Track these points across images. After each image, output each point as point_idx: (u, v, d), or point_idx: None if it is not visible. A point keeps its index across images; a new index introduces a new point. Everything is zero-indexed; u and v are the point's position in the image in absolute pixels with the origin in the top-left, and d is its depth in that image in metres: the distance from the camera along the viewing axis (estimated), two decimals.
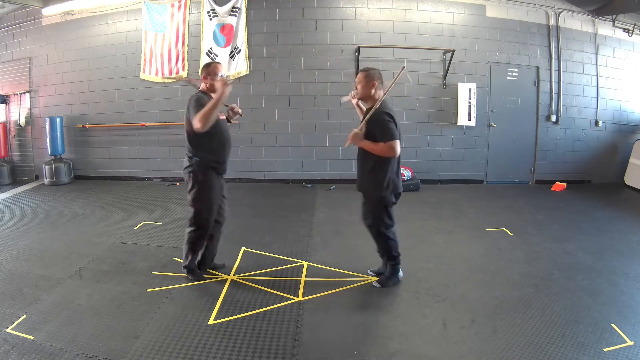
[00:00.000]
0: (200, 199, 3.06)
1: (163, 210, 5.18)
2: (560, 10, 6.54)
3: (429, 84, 6.51)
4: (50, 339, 2.45)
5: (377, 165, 2.97)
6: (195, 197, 3.07)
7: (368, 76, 2.99)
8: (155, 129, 6.70)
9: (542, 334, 2.55)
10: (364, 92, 3.02)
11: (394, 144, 2.86)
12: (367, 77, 2.98)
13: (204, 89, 3.07)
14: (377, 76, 3.01)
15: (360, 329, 2.64)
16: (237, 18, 6.38)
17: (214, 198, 3.10)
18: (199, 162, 3.01)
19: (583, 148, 6.84)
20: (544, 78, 6.60)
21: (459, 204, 5.57)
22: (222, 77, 2.98)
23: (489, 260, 3.74)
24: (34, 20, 6.74)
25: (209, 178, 3.05)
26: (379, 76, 3.02)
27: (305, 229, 4.50)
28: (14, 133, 7.06)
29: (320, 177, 6.59)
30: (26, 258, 3.66)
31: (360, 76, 3.04)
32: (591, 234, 4.40)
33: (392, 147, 2.86)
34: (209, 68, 3.07)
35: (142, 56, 6.56)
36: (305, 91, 6.50)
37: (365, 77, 2.99)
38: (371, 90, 2.99)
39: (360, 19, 6.43)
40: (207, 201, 3.08)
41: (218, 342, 2.46)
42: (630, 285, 3.23)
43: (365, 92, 3.01)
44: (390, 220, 3.11)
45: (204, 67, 3.11)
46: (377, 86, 2.99)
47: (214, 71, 3.04)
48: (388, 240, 3.13)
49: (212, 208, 3.11)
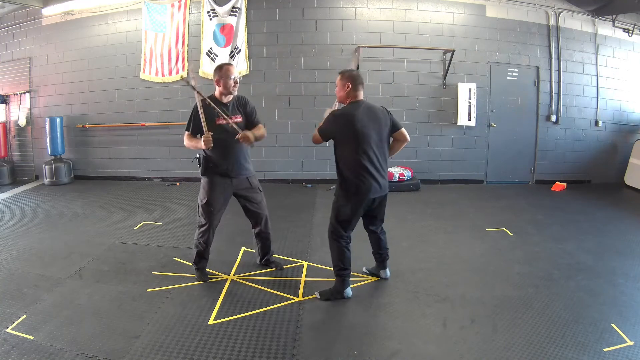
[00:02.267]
0: (202, 193, 3.16)
1: (163, 210, 5.18)
2: (560, 10, 6.54)
3: (429, 84, 6.51)
4: (50, 339, 2.45)
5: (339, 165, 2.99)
6: (200, 191, 3.18)
7: (341, 79, 2.95)
8: (155, 129, 6.70)
9: (542, 334, 2.55)
10: (340, 96, 3.00)
11: (317, 134, 2.99)
12: (341, 80, 2.95)
13: (217, 94, 3.11)
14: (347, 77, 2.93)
15: (360, 329, 2.64)
16: (237, 18, 6.37)
17: (212, 195, 3.11)
18: (198, 159, 3.17)
19: (583, 148, 6.84)
20: (544, 78, 6.60)
21: (459, 204, 5.57)
22: (206, 135, 2.98)
23: (489, 260, 3.74)
24: (34, 20, 6.74)
25: (214, 180, 3.11)
26: (349, 76, 2.94)
27: (305, 229, 4.50)
28: (14, 133, 7.06)
29: (320, 177, 6.58)
30: (26, 258, 3.67)
31: (337, 81, 2.99)
32: (591, 234, 4.40)
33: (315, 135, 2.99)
34: (221, 71, 3.06)
35: (142, 56, 6.56)
36: (305, 91, 6.50)
37: (340, 80, 2.96)
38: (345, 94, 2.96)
39: (360, 19, 6.43)
40: (208, 196, 3.11)
41: (218, 342, 2.46)
42: (630, 285, 3.23)
43: (340, 95, 2.99)
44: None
45: (217, 70, 3.09)
46: (350, 88, 2.92)
47: (226, 74, 3.04)
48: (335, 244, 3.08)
49: (213, 204, 3.12)
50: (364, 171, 2.84)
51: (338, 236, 2.97)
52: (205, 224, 3.15)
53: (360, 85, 2.95)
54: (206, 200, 3.11)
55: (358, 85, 2.94)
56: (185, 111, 3.20)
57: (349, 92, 2.93)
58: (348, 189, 2.91)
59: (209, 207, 3.12)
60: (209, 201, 3.11)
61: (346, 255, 2.97)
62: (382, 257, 3.27)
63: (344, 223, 2.95)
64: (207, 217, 3.14)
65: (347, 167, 2.90)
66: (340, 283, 2.98)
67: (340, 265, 2.97)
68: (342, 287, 2.98)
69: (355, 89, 2.93)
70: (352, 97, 2.95)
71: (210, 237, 3.20)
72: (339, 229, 2.97)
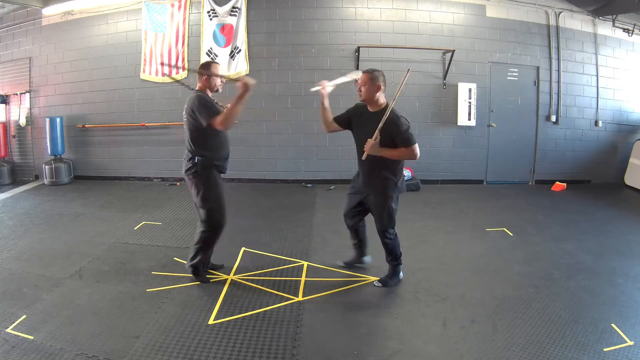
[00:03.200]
0: (210, 198, 3.07)
1: (163, 210, 5.18)
2: (560, 10, 6.54)
3: (429, 84, 6.51)
4: (50, 339, 2.45)
5: (391, 166, 2.98)
6: (204, 197, 3.06)
7: (374, 78, 2.89)
8: (155, 129, 6.70)
9: (542, 334, 2.55)
10: (369, 95, 2.92)
11: (416, 147, 2.85)
12: (373, 80, 2.89)
13: (201, 87, 3.06)
14: (382, 79, 2.92)
15: (360, 329, 2.64)
16: (237, 18, 6.37)
17: (221, 195, 3.13)
18: (202, 162, 3.00)
19: (583, 148, 6.84)
20: (544, 78, 6.60)
21: (459, 204, 5.57)
22: (243, 77, 2.96)
23: (489, 260, 3.74)
24: (34, 20, 6.74)
25: (214, 176, 3.07)
26: (384, 80, 2.94)
27: (305, 229, 4.50)
28: (14, 133, 7.05)
29: (320, 177, 6.59)
30: (26, 258, 3.66)
31: (365, 77, 2.90)
32: (591, 234, 4.40)
33: (414, 151, 2.85)
34: (208, 69, 3.06)
35: (142, 56, 6.55)
36: (305, 91, 6.48)
37: (371, 79, 2.89)
38: (376, 94, 2.91)
39: (360, 19, 6.43)
40: (217, 199, 3.09)
41: (218, 342, 2.46)
42: (630, 285, 3.24)
43: (369, 95, 2.92)
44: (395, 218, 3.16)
45: (202, 70, 3.09)
46: (382, 90, 2.93)
47: (214, 71, 3.05)
48: (396, 239, 3.18)
49: (222, 205, 3.13)
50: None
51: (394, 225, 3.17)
52: (220, 228, 3.14)
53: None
54: (218, 204, 3.09)
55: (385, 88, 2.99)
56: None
57: (380, 93, 2.95)
58: (402, 189, 3.08)
59: (221, 211, 3.12)
60: (221, 205, 3.11)
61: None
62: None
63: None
64: (221, 221, 3.14)
65: (400, 167, 3.06)
66: (398, 270, 3.25)
67: (401, 253, 3.23)
68: (399, 272, 3.25)
69: (384, 91, 2.99)
70: (380, 98, 2.96)
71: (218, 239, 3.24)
72: (392, 226, 3.14)
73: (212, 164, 3.05)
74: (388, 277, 3.20)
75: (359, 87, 2.96)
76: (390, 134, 2.83)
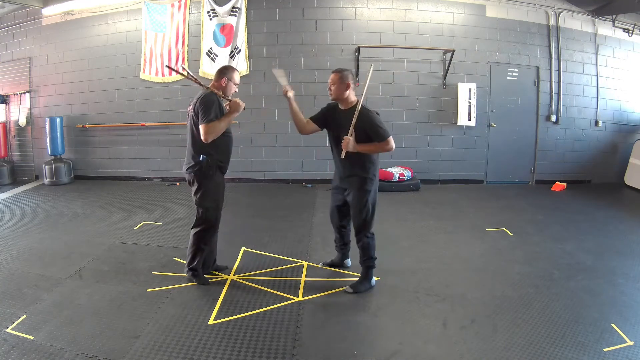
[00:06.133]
0: (209, 197, 3.07)
1: (163, 210, 5.18)
2: (560, 10, 6.54)
3: (429, 84, 6.51)
4: (50, 339, 2.45)
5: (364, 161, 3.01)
6: (203, 196, 3.06)
7: (343, 77, 2.98)
8: (155, 129, 6.71)
9: (542, 334, 2.55)
10: (339, 93, 3.00)
11: (391, 140, 2.93)
12: (342, 78, 2.98)
13: (215, 87, 3.04)
14: (351, 78, 3.02)
15: (360, 329, 2.64)
16: (237, 18, 6.38)
17: (221, 195, 3.14)
18: (206, 161, 2.99)
19: (583, 148, 6.84)
20: (544, 78, 6.60)
21: (459, 204, 5.57)
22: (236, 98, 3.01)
23: (489, 260, 3.74)
24: (34, 20, 6.74)
25: (217, 176, 3.07)
26: (352, 78, 3.05)
27: (305, 229, 4.50)
28: (14, 133, 7.06)
29: (320, 177, 6.58)
30: (26, 258, 3.66)
31: (334, 77, 3.00)
32: (591, 234, 4.40)
33: (389, 143, 2.92)
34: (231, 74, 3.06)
35: (142, 56, 6.56)
36: (305, 91, 6.48)
37: (340, 78, 2.98)
38: (345, 92, 2.99)
39: (360, 19, 6.43)
40: (216, 199, 3.10)
41: (218, 342, 2.46)
42: (630, 285, 3.24)
43: (339, 93, 3.00)
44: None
45: (225, 71, 3.07)
46: (351, 88, 3.00)
47: (235, 79, 3.06)
48: (374, 240, 3.13)
49: (220, 205, 3.15)
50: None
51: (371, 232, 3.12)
52: (214, 227, 3.15)
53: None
54: (216, 204, 3.10)
55: (354, 85, 3.05)
56: (185, 111, 3.18)
57: (350, 91, 3.01)
58: (376, 183, 3.08)
59: (217, 212, 3.13)
60: (219, 205, 3.12)
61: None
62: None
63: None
64: (216, 221, 3.15)
65: (375, 163, 3.07)
66: (371, 274, 3.16)
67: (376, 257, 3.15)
68: (371, 277, 3.15)
69: (354, 88, 3.03)
70: (350, 96, 3.02)
71: (215, 238, 3.24)
72: (372, 224, 3.10)
73: (217, 164, 3.04)
74: (359, 282, 3.12)
75: (329, 87, 3.04)
76: (364, 130, 2.92)
